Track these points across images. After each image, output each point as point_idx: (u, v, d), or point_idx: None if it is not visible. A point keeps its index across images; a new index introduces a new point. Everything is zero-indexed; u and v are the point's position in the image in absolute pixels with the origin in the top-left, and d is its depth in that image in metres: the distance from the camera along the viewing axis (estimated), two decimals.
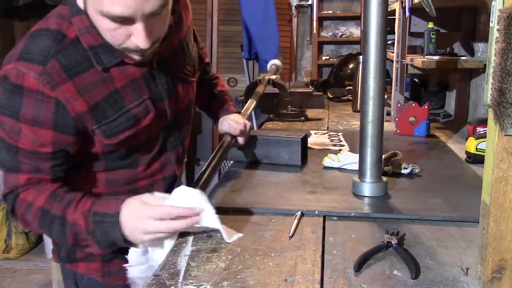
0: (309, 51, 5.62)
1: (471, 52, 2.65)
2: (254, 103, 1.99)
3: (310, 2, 5.34)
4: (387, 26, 1.39)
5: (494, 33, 0.86)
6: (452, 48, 2.92)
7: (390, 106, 2.71)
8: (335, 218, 1.30)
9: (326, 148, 2.04)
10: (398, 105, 2.42)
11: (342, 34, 5.43)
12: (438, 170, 1.74)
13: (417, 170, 1.64)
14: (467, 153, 1.86)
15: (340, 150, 1.91)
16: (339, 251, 1.10)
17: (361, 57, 1.79)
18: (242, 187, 1.53)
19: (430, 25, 2.55)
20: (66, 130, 1.11)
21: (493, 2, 0.88)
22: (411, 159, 1.73)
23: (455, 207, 1.35)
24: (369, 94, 1.40)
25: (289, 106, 2.76)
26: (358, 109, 2.04)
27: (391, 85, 2.82)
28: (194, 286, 0.96)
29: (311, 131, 2.35)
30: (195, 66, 1.41)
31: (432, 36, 2.53)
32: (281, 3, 4.59)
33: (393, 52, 2.80)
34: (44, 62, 1.07)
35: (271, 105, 2.73)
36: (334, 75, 4.11)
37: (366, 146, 1.43)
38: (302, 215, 1.30)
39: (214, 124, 1.74)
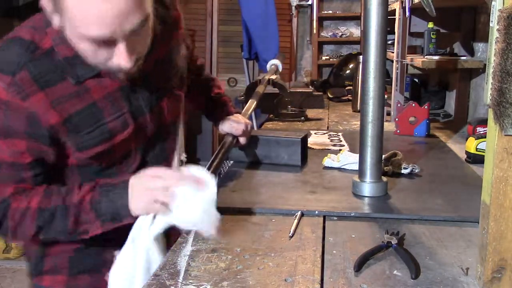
0: (309, 51, 5.62)
1: (471, 52, 2.65)
2: (255, 103, 2.00)
3: (310, 2, 5.34)
4: (387, 26, 1.39)
5: (494, 33, 0.86)
6: (452, 48, 2.92)
7: (390, 106, 2.71)
8: (335, 218, 1.30)
9: (326, 148, 2.04)
10: (398, 105, 2.42)
11: (342, 34, 5.43)
12: (438, 170, 1.74)
13: (417, 170, 1.64)
14: (467, 153, 1.86)
15: (340, 150, 1.91)
16: (339, 251, 1.10)
17: (361, 57, 1.80)
18: (242, 187, 1.53)
19: (430, 25, 2.55)
20: (40, 140, 1.06)
21: (493, 2, 0.88)
22: (411, 159, 1.73)
23: (455, 207, 1.35)
24: (369, 94, 1.40)
25: (289, 106, 2.76)
26: (358, 109, 2.04)
27: (391, 85, 2.82)
28: (194, 286, 0.96)
29: (311, 131, 2.35)
30: (183, 77, 1.34)
31: (432, 36, 2.53)
32: (281, 3, 4.59)
33: (393, 52, 2.80)
34: (13, 73, 1.03)
35: (271, 105, 2.73)
36: (334, 75, 4.11)
37: (366, 146, 1.43)
38: (302, 215, 1.30)
39: (214, 126, 1.70)
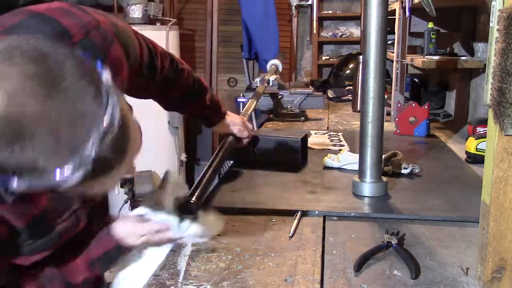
0: (309, 51, 5.61)
1: (471, 52, 2.65)
2: (254, 103, 2.00)
3: (310, 2, 5.33)
4: (387, 26, 1.39)
5: (494, 33, 0.86)
6: (452, 48, 2.92)
7: (390, 106, 2.71)
8: (335, 218, 1.30)
9: (326, 148, 2.04)
10: (398, 105, 2.42)
11: (342, 34, 5.43)
12: (438, 170, 1.74)
13: (417, 170, 1.64)
14: (467, 153, 1.86)
15: (340, 150, 1.91)
16: (339, 251, 1.10)
17: (361, 57, 1.80)
18: (242, 187, 1.53)
19: (430, 25, 2.55)
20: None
21: (493, 2, 0.88)
22: (411, 159, 1.73)
23: (455, 207, 1.35)
24: (369, 94, 1.40)
25: (289, 106, 2.76)
26: (358, 109, 2.04)
27: (391, 85, 2.82)
28: (194, 286, 0.96)
29: (311, 131, 2.35)
30: None
31: (432, 36, 2.52)
32: (281, 3, 4.59)
33: (393, 52, 2.80)
34: None
35: (271, 105, 2.73)
36: (334, 75, 4.10)
37: (366, 146, 1.43)
38: (302, 215, 1.30)
39: (211, 128, 1.62)
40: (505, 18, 0.82)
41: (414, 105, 2.28)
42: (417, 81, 3.28)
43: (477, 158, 1.80)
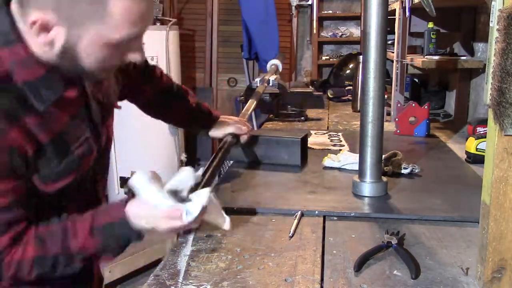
0: (309, 51, 5.61)
1: (471, 52, 2.65)
2: (254, 103, 2.00)
3: (310, 2, 5.33)
4: (387, 26, 1.39)
5: (494, 33, 0.86)
6: (452, 48, 2.92)
7: (390, 106, 2.71)
8: (335, 218, 1.30)
9: (326, 148, 2.04)
10: (398, 105, 2.42)
11: (342, 34, 5.43)
12: (438, 170, 1.74)
13: (417, 170, 1.64)
14: (467, 153, 1.86)
15: (340, 150, 1.91)
16: (339, 251, 1.10)
17: (361, 57, 1.80)
18: (242, 187, 1.53)
19: (430, 25, 2.55)
20: (20, 176, 0.95)
21: (493, 2, 0.88)
22: (411, 159, 1.73)
23: (455, 207, 1.35)
24: (369, 94, 1.40)
25: (289, 106, 2.76)
26: (358, 109, 2.04)
27: (391, 85, 2.82)
28: (194, 286, 0.96)
29: (311, 131, 2.35)
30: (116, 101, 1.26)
31: (432, 36, 2.52)
32: (281, 3, 4.59)
33: (393, 52, 2.80)
34: None
35: (271, 105, 2.73)
36: (334, 75, 4.10)
37: (366, 146, 1.43)
38: (302, 215, 1.30)
39: (208, 132, 1.60)
40: (505, 18, 0.82)
41: (414, 105, 2.28)
42: (417, 81, 3.28)
43: (477, 158, 1.80)
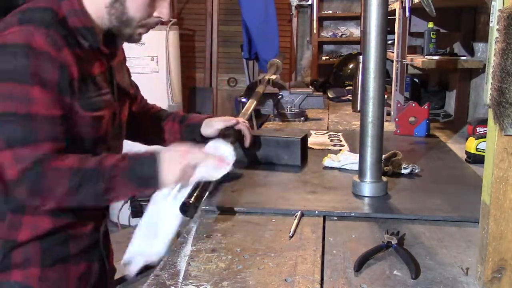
0: (309, 51, 5.61)
1: (471, 52, 2.65)
2: (254, 103, 2.00)
3: (310, 2, 5.33)
4: (387, 26, 1.39)
5: (494, 33, 0.86)
6: (452, 48, 2.92)
7: (390, 106, 2.71)
8: (335, 218, 1.30)
9: (326, 148, 2.03)
10: (398, 105, 2.42)
11: (342, 34, 5.43)
12: (438, 170, 1.74)
13: (417, 170, 1.64)
14: (467, 153, 1.86)
15: (340, 150, 1.91)
16: (339, 251, 1.10)
17: (361, 57, 1.80)
18: (242, 187, 1.53)
19: (430, 25, 2.55)
20: (66, 94, 1.10)
21: (493, 2, 0.88)
22: (411, 159, 1.73)
23: (455, 207, 1.35)
24: (369, 94, 1.40)
25: (289, 106, 2.76)
26: (358, 109, 2.04)
27: (391, 85, 2.82)
28: (194, 286, 0.96)
29: (311, 131, 2.35)
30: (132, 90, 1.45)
31: (432, 36, 2.52)
32: (281, 3, 4.59)
33: (393, 52, 2.80)
34: (47, 26, 1.08)
35: (271, 105, 2.73)
36: (334, 75, 4.11)
37: (366, 146, 1.43)
38: (302, 215, 1.30)
39: (198, 131, 1.57)
40: (505, 18, 0.82)
41: (414, 105, 2.28)
42: (417, 81, 3.28)
43: (477, 158, 1.80)
